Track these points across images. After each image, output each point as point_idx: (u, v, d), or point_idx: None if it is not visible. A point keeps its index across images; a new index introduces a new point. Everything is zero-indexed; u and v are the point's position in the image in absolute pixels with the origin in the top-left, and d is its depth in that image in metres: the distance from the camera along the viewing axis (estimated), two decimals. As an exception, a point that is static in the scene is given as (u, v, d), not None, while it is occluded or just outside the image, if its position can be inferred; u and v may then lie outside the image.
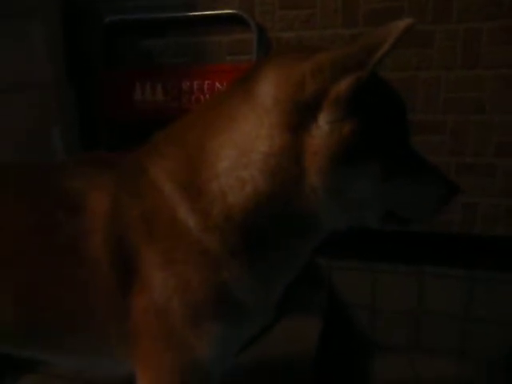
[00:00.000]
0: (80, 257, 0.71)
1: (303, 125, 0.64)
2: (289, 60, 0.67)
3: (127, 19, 1.73)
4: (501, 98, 1.51)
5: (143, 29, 1.74)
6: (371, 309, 1.74)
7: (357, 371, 1.64)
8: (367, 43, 0.60)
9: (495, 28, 1.46)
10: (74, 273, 0.72)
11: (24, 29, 1.61)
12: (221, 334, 0.70)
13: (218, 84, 1.65)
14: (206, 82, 1.67)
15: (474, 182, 1.60)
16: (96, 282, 0.71)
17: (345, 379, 1.58)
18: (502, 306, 1.62)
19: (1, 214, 0.75)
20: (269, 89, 0.66)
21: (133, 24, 1.74)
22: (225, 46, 1.68)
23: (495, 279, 1.61)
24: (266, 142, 0.64)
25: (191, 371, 0.72)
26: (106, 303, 0.72)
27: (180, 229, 0.69)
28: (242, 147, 0.66)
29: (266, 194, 0.65)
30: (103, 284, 0.71)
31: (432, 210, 0.75)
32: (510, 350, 1.63)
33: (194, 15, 1.67)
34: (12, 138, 1.54)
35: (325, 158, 0.63)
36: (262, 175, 0.65)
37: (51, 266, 0.73)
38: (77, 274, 0.72)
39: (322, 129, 0.63)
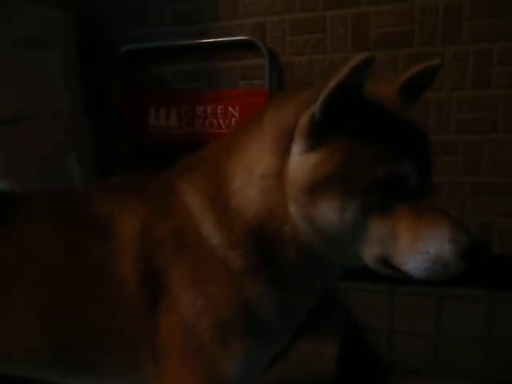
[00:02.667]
0: (109, 280, 0.72)
1: (287, 152, 0.67)
2: (284, 96, 0.73)
3: (142, 47, 1.78)
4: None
5: (158, 56, 1.78)
6: (389, 331, 1.71)
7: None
8: (327, 80, 0.63)
9: (505, 48, 1.48)
10: (103, 296, 0.73)
11: (41, 57, 1.66)
12: (247, 352, 0.71)
13: (230, 108, 1.68)
14: (219, 107, 1.70)
15: (490, 201, 1.59)
16: (125, 304, 0.72)
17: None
18: (523, 327, 1.59)
19: (32, 240, 0.77)
20: (268, 119, 0.71)
21: (148, 52, 1.79)
22: (237, 72, 1.71)
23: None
24: (262, 165, 0.69)
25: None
26: (134, 324, 0.73)
27: (206, 247, 0.70)
28: (249, 168, 0.70)
29: (265, 213, 0.68)
30: (132, 305, 0.72)
31: (442, 271, 0.62)
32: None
33: (207, 42, 1.71)
34: (30, 165, 1.58)
35: (295, 186, 0.65)
36: (260, 195, 0.68)
37: (79, 288, 0.74)
38: (106, 297, 0.73)
39: (294, 159, 0.66)
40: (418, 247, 0.62)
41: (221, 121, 1.70)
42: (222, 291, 0.69)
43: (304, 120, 0.64)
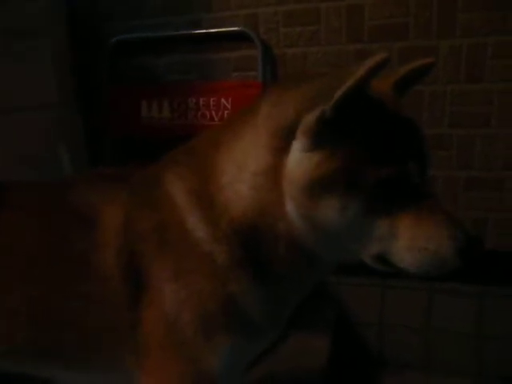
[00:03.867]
0: (92, 271, 0.71)
1: (284, 150, 0.65)
2: (281, 89, 0.69)
3: (134, 38, 1.75)
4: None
5: (149, 47, 1.76)
6: (380, 325, 1.71)
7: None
8: (338, 77, 0.61)
9: (499, 42, 1.47)
10: (85, 287, 0.72)
11: (31, 48, 1.63)
12: (232, 347, 0.70)
13: (223, 100, 1.66)
14: (212, 99, 1.68)
15: (483, 197, 1.59)
16: (107, 296, 0.71)
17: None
18: (514, 322, 1.59)
19: (14, 231, 0.75)
20: (263, 113, 0.68)
21: (139, 43, 1.76)
22: (231, 63, 1.69)
23: (507, 295, 1.59)
24: (255, 161, 0.67)
25: (197, 381, 0.71)
26: (118, 319, 0.72)
27: (190, 240, 0.69)
28: (240, 163, 0.68)
29: (256, 211, 0.67)
30: (114, 297, 0.71)
31: (439, 267, 0.63)
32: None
33: (200, 33, 1.69)
34: (20, 157, 1.55)
35: (294, 185, 0.64)
36: (251, 192, 0.67)
37: (63, 281, 0.73)
38: (89, 288, 0.72)
39: (294, 157, 0.64)
40: (418, 244, 0.62)
41: (213, 113, 1.68)
42: (205, 284, 0.68)
43: (311, 119, 0.62)
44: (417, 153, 0.66)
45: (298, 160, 0.63)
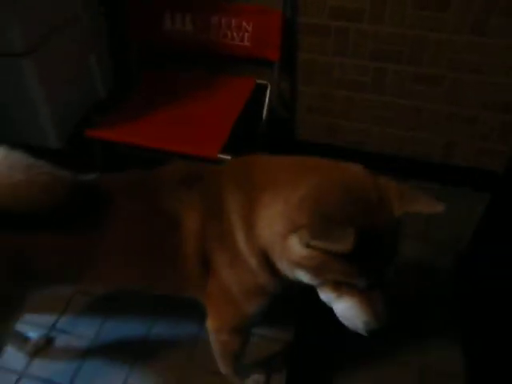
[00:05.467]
0: (179, 256, 1.08)
1: (291, 231, 0.90)
2: (293, 187, 0.93)
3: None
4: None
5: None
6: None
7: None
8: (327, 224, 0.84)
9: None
10: (175, 265, 1.09)
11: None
12: (258, 304, 1.13)
13: (245, 23, 1.77)
14: (234, 20, 1.78)
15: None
16: (189, 269, 1.09)
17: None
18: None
19: (123, 226, 1.07)
20: (283, 202, 0.93)
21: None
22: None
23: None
24: (277, 225, 0.94)
25: (240, 318, 1.18)
26: (193, 281, 1.12)
27: (238, 248, 1.04)
28: (271, 219, 0.96)
29: (269, 247, 0.98)
30: (192, 272, 1.10)
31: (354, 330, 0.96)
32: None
33: None
34: (62, 69, 1.73)
35: (288, 256, 0.93)
36: (270, 238, 0.96)
37: (161, 261, 1.10)
38: (178, 265, 1.09)
39: (292, 240, 0.90)
40: (345, 315, 0.96)
41: (234, 33, 1.80)
42: (244, 276, 1.06)
43: (300, 237, 0.86)
44: (378, 271, 0.90)
45: (294, 245, 0.91)
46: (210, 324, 1.25)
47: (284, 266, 0.97)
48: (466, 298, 1.80)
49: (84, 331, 1.66)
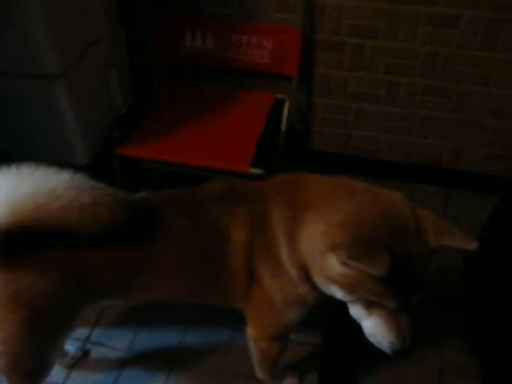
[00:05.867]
0: (227, 267, 1.14)
1: (330, 249, 0.97)
2: (335, 209, 1.01)
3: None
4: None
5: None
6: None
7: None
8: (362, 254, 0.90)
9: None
10: (224, 276, 1.16)
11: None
12: (298, 313, 1.20)
13: (264, 41, 1.85)
14: (254, 38, 1.85)
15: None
16: (237, 280, 1.16)
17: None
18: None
19: (176, 242, 1.14)
20: (326, 222, 1.00)
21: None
22: (272, 4, 1.81)
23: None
24: (319, 243, 1.00)
25: (279, 326, 1.25)
26: (239, 290, 1.19)
27: (281, 260, 1.11)
28: (313, 236, 1.03)
29: (308, 261, 1.05)
30: (239, 282, 1.17)
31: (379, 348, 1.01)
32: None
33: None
34: (88, 88, 1.78)
35: (325, 272, 0.99)
36: (310, 253, 1.04)
37: (210, 272, 1.17)
38: (226, 276, 1.16)
39: (331, 258, 0.97)
40: (372, 333, 1.02)
41: (255, 51, 1.87)
42: (286, 285, 1.13)
43: (339, 257, 0.92)
44: (406, 294, 0.96)
45: (332, 261, 0.97)
46: (250, 332, 1.32)
47: (320, 281, 1.04)
48: (476, 297, 1.90)
49: (118, 343, 1.71)
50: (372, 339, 1.04)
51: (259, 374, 1.49)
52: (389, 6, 1.73)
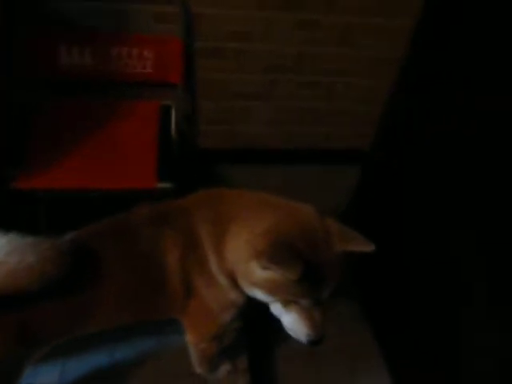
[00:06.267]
0: (167, 287, 1.23)
1: (253, 257, 1.10)
2: (257, 219, 1.14)
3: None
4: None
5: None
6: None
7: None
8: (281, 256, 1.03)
9: None
10: (165, 295, 1.24)
11: None
12: (232, 314, 1.35)
13: (146, 52, 1.85)
14: (134, 50, 1.84)
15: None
16: (175, 295, 1.25)
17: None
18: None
19: (117, 273, 1.18)
20: (249, 232, 1.13)
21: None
22: (150, 15, 1.82)
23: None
24: (242, 251, 1.14)
25: (217, 328, 1.38)
26: (178, 302, 1.28)
27: (212, 272, 1.23)
28: (237, 246, 1.16)
29: (234, 268, 1.18)
30: (177, 295, 1.26)
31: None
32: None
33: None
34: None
35: (247, 277, 1.13)
36: (236, 261, 1.17)
37: (149, 292, 1.23)
38: (167, 295, 1.24)
39: (253, 264, 1.10)
40: (290, 327, 1.18)
41: (136, 62, 1.86)
42: (219, 293, 1.26)
43: (258, 264, 1.07)
44: (318, 292, 1.11)
45: (254, 267, 1.10)
46: (190, 338, 1.44)
47: (245, 285, 1.18)
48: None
49: (48, 378, 1.68)
50: (291, 332, 1.20)
51: (198, 369, 1.63)
52: (261, 14, 1.88)
